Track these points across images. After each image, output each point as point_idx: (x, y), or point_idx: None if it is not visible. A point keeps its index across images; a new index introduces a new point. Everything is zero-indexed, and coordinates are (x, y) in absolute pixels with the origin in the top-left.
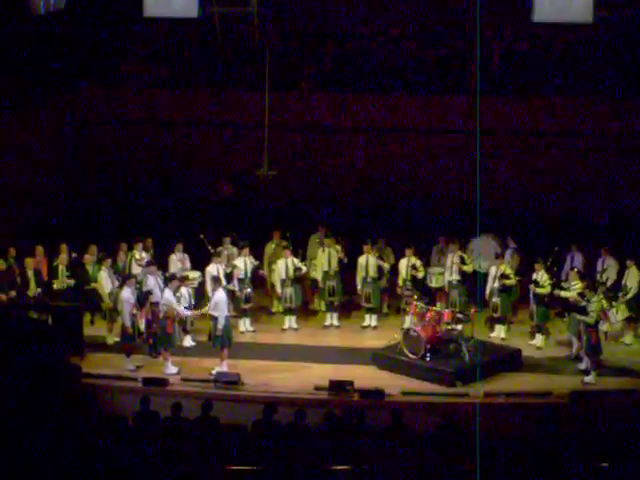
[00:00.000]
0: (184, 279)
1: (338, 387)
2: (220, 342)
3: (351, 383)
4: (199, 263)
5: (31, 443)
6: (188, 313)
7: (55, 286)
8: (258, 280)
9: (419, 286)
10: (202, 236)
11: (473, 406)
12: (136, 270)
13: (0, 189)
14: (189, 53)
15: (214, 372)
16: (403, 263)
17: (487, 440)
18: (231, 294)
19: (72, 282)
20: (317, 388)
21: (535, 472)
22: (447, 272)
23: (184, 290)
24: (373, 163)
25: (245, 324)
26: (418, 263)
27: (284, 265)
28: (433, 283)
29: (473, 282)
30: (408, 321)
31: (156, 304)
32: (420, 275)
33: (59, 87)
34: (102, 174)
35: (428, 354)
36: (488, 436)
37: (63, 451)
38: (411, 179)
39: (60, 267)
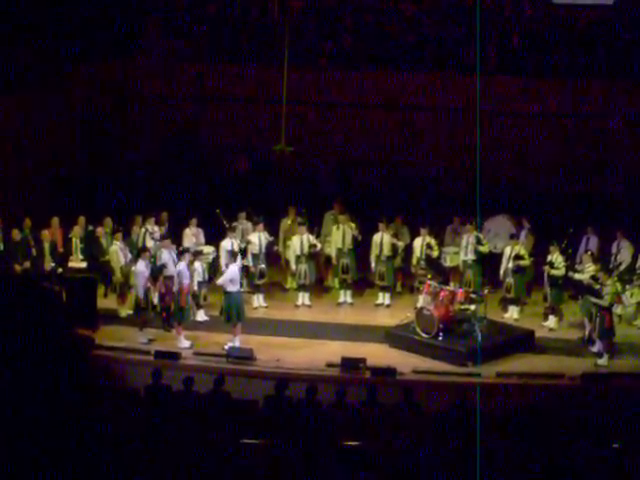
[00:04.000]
0: (198, 253)
1: (350, 364)
2: (233, 317)
3: (363, 360)
4: (213, 238)
5: (41, 415)
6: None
7: (70, 264)
8: (272, 256)
9: (433, 265)
10: (217, 211)
11: (483, 386)
12: (150, 243)
13: (18, 161)
14: (208, 28)
15: (227, 347)
16: (418, 242)
17: (497, 420)
18: (245, 269)
19: (84, 264)
20: (329, 365)
21: (546, 453)
22: (462, 252)
23: (198, 265)
24: (391, 140)
25: (258, 300)
26: (433, 242)
27: (299, 241)
28: (447, 262)
29: (487, 262)
30: (421, 300)
31: (170, 278)
32: (435, 254)
33: (78, 60)
34: (119, 147)
35: (440, 333)
36: (498, 416)
37: (74, 423)
38: (430, 158)
39: (74, 240)
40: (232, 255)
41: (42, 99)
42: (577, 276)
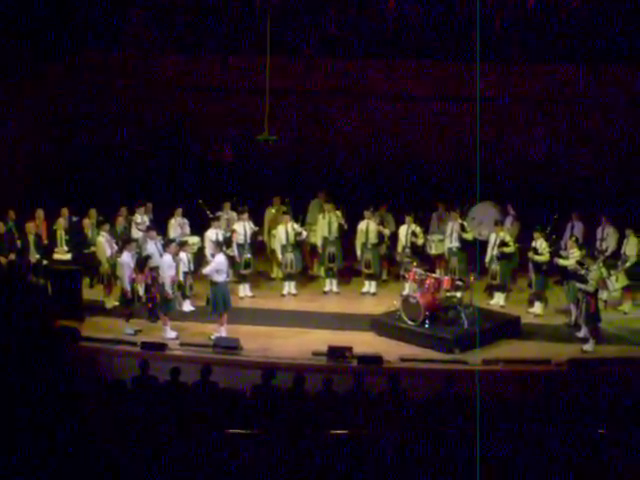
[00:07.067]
0: (183, 244)
1: (337, 353)
2: (219, 307)
3: (350, 349)
4: (199, 228)
5: (26, 407)
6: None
7: (55, 256)
8: (257, 246)
9: (418, 253)
10: (200, 201)
11: (472, 373)
12: (136, 234)
13: (2, 152)
14: (190, 17)
15: (213, 337)
16: (403, 230)
17: (485, 407)
18: (230, 259)
19: (69, 256)
20: (316, 354)
21: (533, 439)
22: (447, 239)
23: (183, 255)
24: (375, 129)
25: (244, 289)
26: (418, 230)
27: (284, 231)
28: (433, 250)
29: (472, 249)
30: (407, 288)
31: (155, 269)
32: (419, 242)
33: (60, 50)
34: (103, 138)
35: (427, 321)
36: (486, 403)
37: (60, 415)
38: (414, 145)
39: (58, 232)
40: (217, 245)
41: (22, 91)
42: (562, 262)
